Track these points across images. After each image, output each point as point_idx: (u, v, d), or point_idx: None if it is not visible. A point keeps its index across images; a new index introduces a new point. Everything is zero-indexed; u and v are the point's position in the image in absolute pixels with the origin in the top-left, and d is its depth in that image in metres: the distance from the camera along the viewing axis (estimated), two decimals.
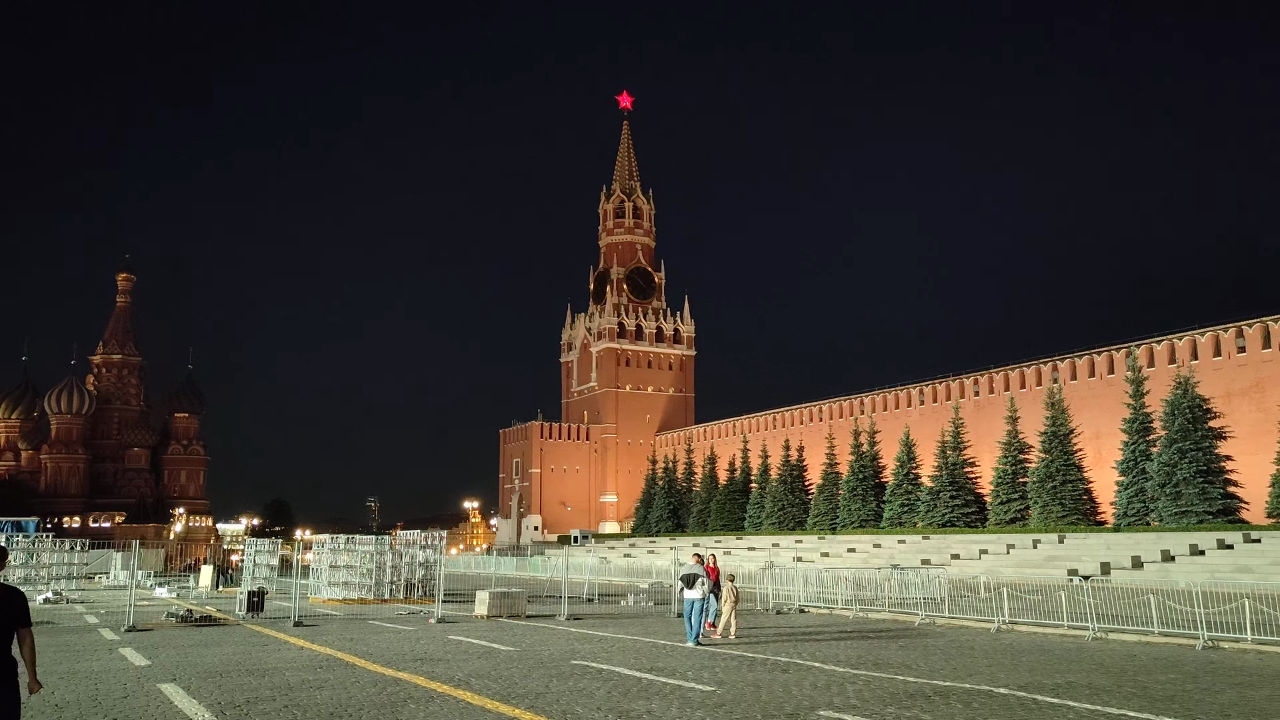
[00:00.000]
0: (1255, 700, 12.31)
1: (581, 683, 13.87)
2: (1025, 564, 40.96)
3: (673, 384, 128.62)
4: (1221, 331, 63.15)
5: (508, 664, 16.06)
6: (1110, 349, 69.41)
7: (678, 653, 17.64)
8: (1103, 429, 59.27)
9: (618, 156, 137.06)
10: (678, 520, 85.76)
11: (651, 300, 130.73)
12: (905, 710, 11.57)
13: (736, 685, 13.55)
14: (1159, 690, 13.09)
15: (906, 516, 58.99)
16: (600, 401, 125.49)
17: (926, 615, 24.67)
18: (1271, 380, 56.71)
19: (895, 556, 47.81)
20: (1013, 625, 22.01)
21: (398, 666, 15.74)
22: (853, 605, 27.27)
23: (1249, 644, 17.74)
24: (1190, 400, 45.39)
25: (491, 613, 26.01)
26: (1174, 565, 36.69)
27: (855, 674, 14.68)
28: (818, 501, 67.52)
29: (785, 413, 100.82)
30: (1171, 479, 44.46)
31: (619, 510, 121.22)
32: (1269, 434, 46.57)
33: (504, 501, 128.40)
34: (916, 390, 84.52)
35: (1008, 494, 53.32)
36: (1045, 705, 11.90)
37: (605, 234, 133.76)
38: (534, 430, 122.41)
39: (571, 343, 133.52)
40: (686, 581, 19.21)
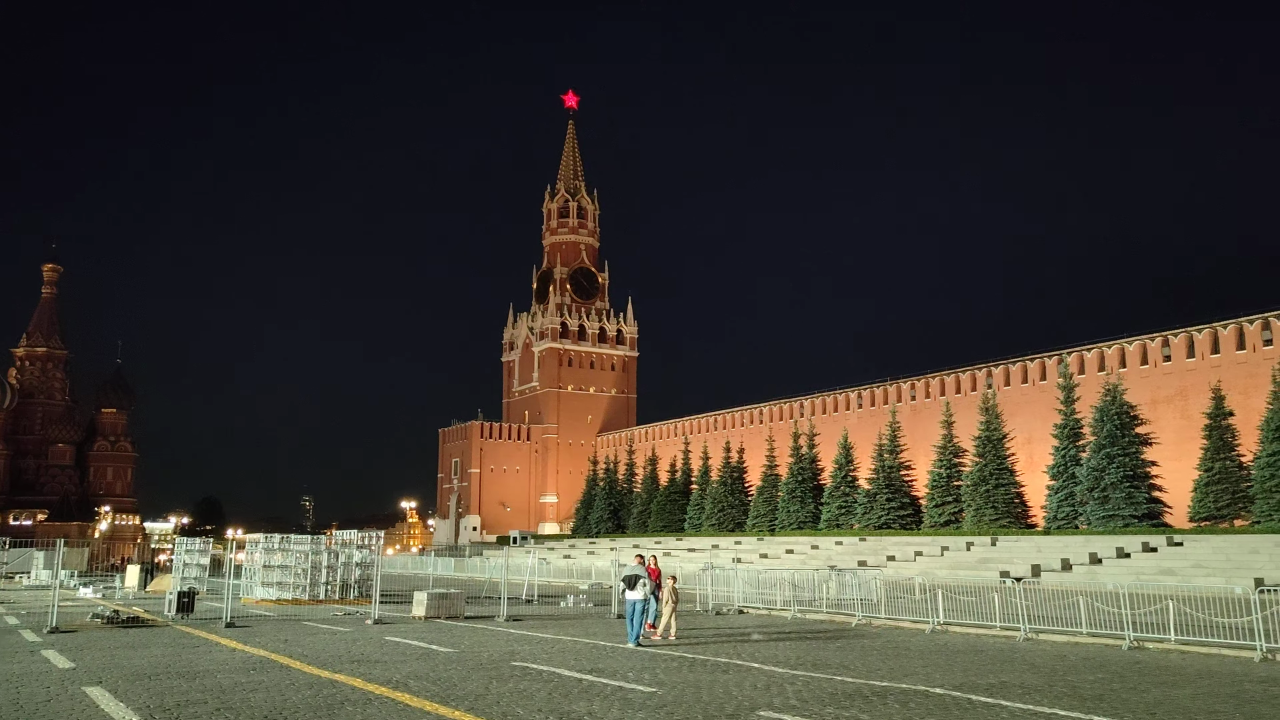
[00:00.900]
0: (1179, 699, 12.68)
1: (522, 684, 13.78)
2: (959, 566, 41.70)
3: (615, 385, 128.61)
4: (1149, 340, 65.02)
5: (446, 665, 15.90)
6: (1043, 356, 71.05)
7: (618, 654, 17.62)
8: (1035, 434, 60.64)
9: (562, 156, 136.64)
10: (618, 521, 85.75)
11: (595, 300, 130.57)
12: (844, 710, 11.70)
13: (677, 686, 13.57)
14: (1088, 689, 13.41)
15: (844, 518, 59.71)
16: (542, 402, 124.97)
17: (863, 616, 24.98)
18: (1195, 388, 58.53)
19: (833, 558, 48.37)
20: (947, 626, 22.38)
21: (334, 668, 15.48)
22: (791, 606, 27.51)
23: (1172, 644, 18.26)
24: (1118, 407, 46.63)
25: (429, 614, 25.72)
26: (1101, 568, 37.64)
27: (795, 674, 14.80)
28: (757, 503, 68.03)
29: (726, 415, 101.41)
30: (1100, 483, 45.63)
31: (559, 511, 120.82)
32: (1192, 440, 48.04)
33: (442, 502, 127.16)
34: (855, 394, 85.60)
35: (942, 497, 54.26)
36: (979, 705, 12.12)
37: (549, 233, 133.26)
38: (474, 430, 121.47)
39: (513, 342, 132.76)
40: (628, 583, 19.20)
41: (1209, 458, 44.41)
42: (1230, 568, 33.55)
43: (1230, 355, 60.22)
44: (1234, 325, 60.82)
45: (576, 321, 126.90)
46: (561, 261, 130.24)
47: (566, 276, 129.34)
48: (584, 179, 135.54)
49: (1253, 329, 59.86)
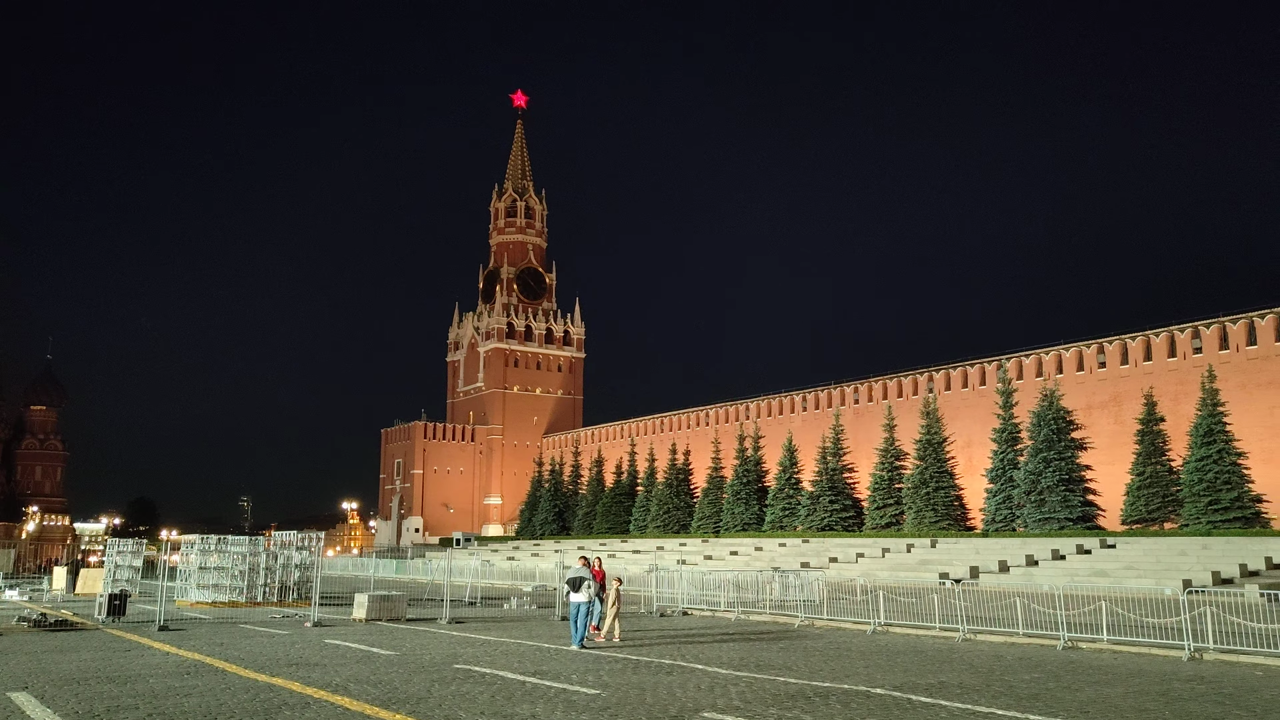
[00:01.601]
0: (1111, 697, 12.97)
1: (464, 687, 13.65)
2: (899, 567, 42.27)
3: (561, 386, 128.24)
4: (1084, 347, 66.58)
5: (387, 668, 15.69)
6: (983, 361, 72.36)
7: (562, 656, 17.54)
8: (974, 438, 61.72)
9: (510, 155, 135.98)
10: (563, 523, 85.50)
11: (542, 301, 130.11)
12: (786, 711, 11.77)
13: (621, 688, 13.55)
14: (1024, 689, 13.66)
15: (788, 520, 60.20)
16: (487, 402, 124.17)
17: (806, 617, 25.18)
18: (1128, 394, 60.05)
19: (776, 559, 48.72)
20: (888, 627, 22.65)
21: (271, 672, 15.19)
22: (735, 607, 27.63)
23: (1105, 644, 18.69)
24: (1055, 412, 47.66)
25: (370, 616, 25.38)
26: (1037, 569, 38.42)
27: (738, 675, 14.86)
28: (702, 505, 68.32)
29: (673, 417, 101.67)
30: (1036, 487, 46.60)
31: (503, 513, 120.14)
32: (1125, 445, 49.27)
33: (384, 503, 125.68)
34: (800, 397, 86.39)
35: (884, 499, 54.98)
36: (919, 705, 12.27)
37: (496, 233, 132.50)
38: (417, 430, 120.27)
39: (459, 342, 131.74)
40: (573, 585, 19.13)
41: (1141, 462, 45.58)
42: (1160, 569, 34.44)
43: (1162, 363, 61.91)
44: (1165, 333, 62.54)
45: (523, 322, 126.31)
46: (509, 261, 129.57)
47: (513, 276, 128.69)
48: (532, 179, 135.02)
49: (1183, 337, 61.59)
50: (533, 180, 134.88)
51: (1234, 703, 12.54)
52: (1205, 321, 60.91)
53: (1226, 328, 59.75)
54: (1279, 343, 57.40)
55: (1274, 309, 58.11)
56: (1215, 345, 59.66)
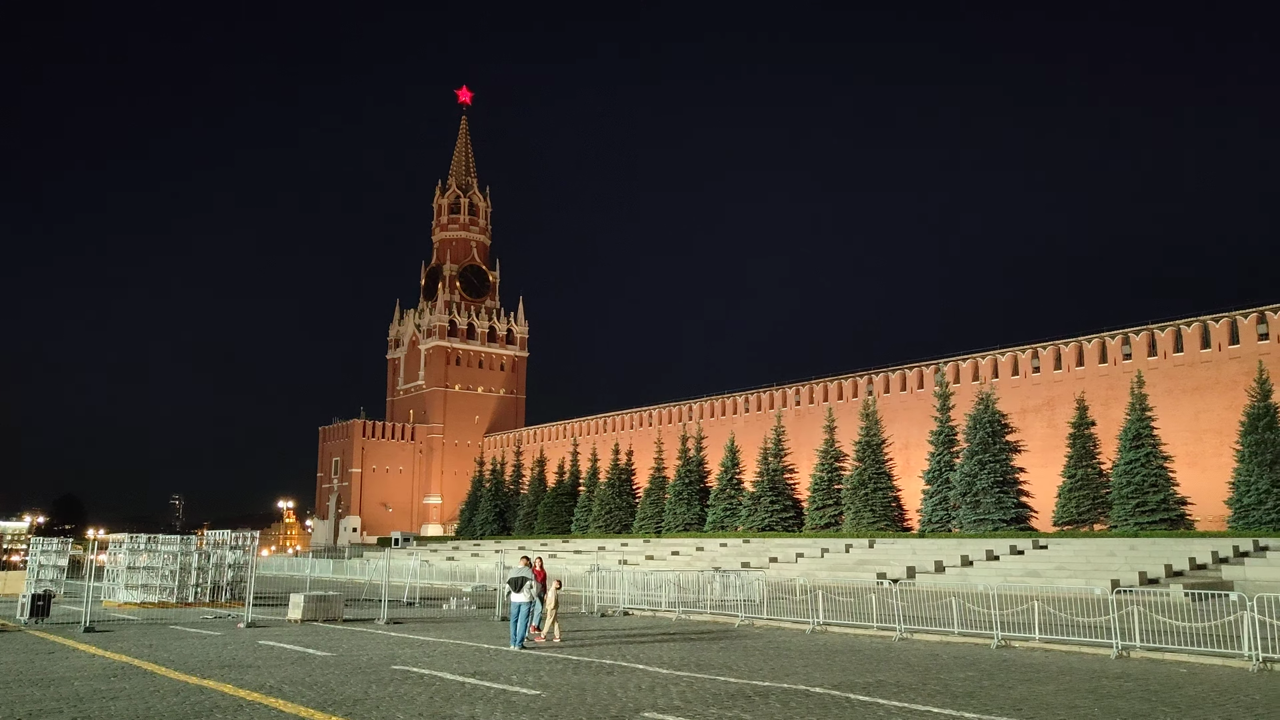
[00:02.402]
0: (1043, 695, 13.24)
1: (402, 688, 13.46)
2: (838, 567, 42.72)
3: (504, 385, 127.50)
4: (1019, 352, 68.06)
5: (323, 670, 15.42)
6: (921, 365, 73.57)
7: (502, 657, 17.41)
8: (912, 440, 62.68)
9: (455, 151, 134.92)
10: (504, 523, 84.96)
11: (485, 299, 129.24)
12: (727, 710, 11.80)
13: (561, 688, 13.48)
14: (959, 687, 13.88)
15: (729, 520, 60.53)
16: (428, 401, 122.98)
17: (746, 617, 25.32)
18: (1061, 399, 61.50)
19: (717, 559, 48.93)
20: (826, 626, 22.88)
21: (202, 674, 14.83)
22: (676, 607, 27.69)
23: (1037, 642, 19.08)
24: (990, 415, 48.59)
25: (306, 616, 24.94)
26: (972, 569, 39.10)
27: (679, 675, 14.88)
28: (644, 505, 68.37)
29: (616, 417, 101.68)
30: (972, 488, 47.46)
31: (443, 512, 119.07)
32: (1058, 449, 50.40)
33: (321, 502, 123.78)
34: (742, 398, 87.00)
35: (823, 500, 55.55)
36: (857, 703, 12.40)
37: (439, 229, 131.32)
38: (356, 429, 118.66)
39: (399, 339, 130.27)
40: (514, 585, 19.00)
41: (1072, 465, 46.67)
42: (1090, 570, 35.28)
43: (1093, 368, 63.53)
44: (1097, 339, 64.20)
45: (465, 320, 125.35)
46: (451, 258, 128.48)
47: (456, 274, 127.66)
48: (476, 175, 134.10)
49: (1114, 343, 63.28)
50: (477, 177, 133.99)
51: (1159, 699, 12.88)
52: (1135, 329, 62.65)
53: (1155, 335, 61.52)
54: (1204, 350, 59.27)
55: (1199, 317, 59.96)
56: (1144, 352, 61.40)
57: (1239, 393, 48.41)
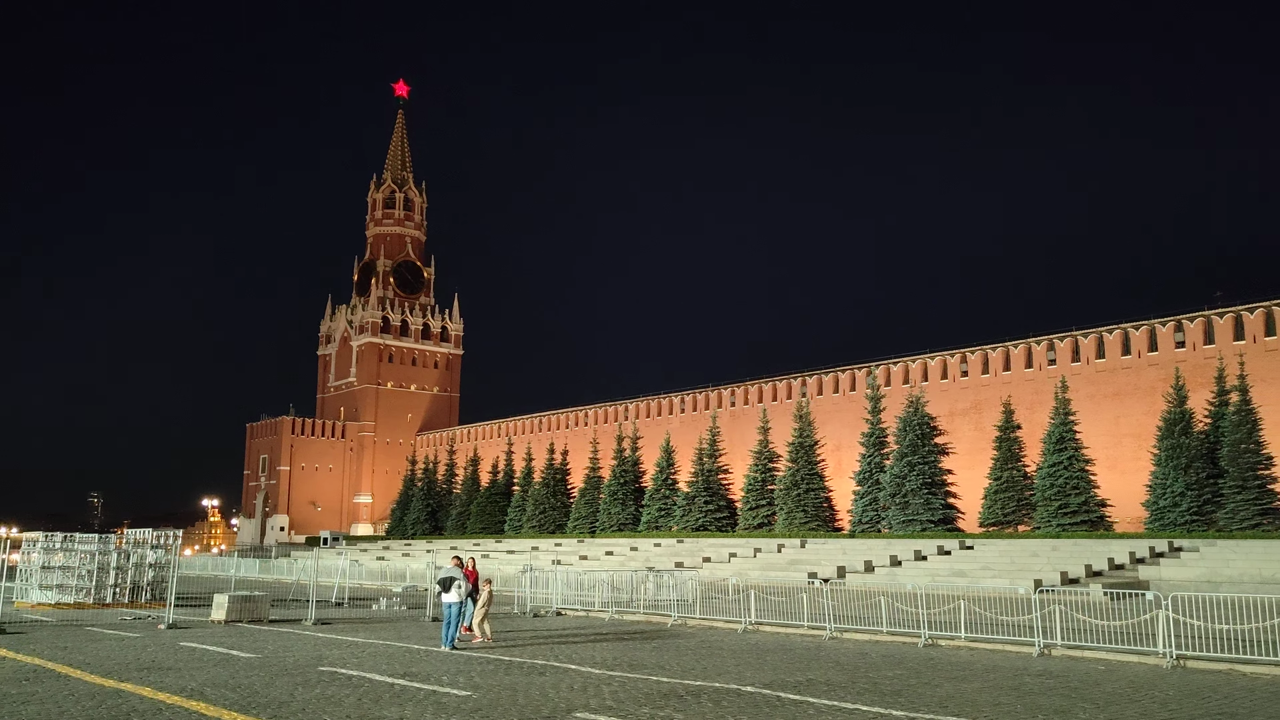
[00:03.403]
0: (967, 692, 13.50)
1: (329, 690, 13.21)
2: (770, 567, 43.10)
3: (437, 383, 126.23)
4: (948, 356, 69.49)
5: (247, 671, 15.06)
6: (854, 368, 74.69)
7: (432, 657, 17.20)
8: (844, 441, 63.57)
9: (390, 145, 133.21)
10: (436, 523, 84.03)
11: (419, 295, 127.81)
12: (659, 710, 11.81)
13: (493, 689, 13.36)
14: (887, 685, 14.08)
15: (663, 520, 60.70)
16: (359, 398, 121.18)
17: (679, 617, 25.41)
18: (988, 402, 62.92)
19: (651, 559, 49.03)
20: (758, 626, 23.05)
21: (120, 677, 14.38)
22: (609, 607, 27.67)
23: (963, 641, 19.47)
24: (919, 418, 49.47)
25: (230, 617, 24.36)
26: (901, 569, 39.75)
27: (611, 675, 14.85)
28: (579, 505, 68.20)
29: (551, 416, 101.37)
30: (901, 490, 48.28)
31: (374, 512, 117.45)
32: (984, 451, 51.52)
33: (248, 500, 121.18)
34: (679, 399, 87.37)
35: (757, 500, 56.02)
36: (788, 701, 12.51)
37: (373, 224, 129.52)
38: (285, 426, 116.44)
39: (331, 335, 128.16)
40: (443, 585, 18.80)
41: (998, 467, 47.74)
42: (1014, 570, 36.11)
43: (1020, 373, 65.13)
44: (1024, 345, 65.84)
45: (399, 316, 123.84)
46: (385, 254, 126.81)
47: (390, 269, 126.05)
48: (412, 170, 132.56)
49: (1040, 349, 64.97)
50: (413, 172, 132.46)
51: (1079, 696, 13.22)
52: (1059, 335, 64.40)
53: (1079, 341, 63.31)
54: (1125, 356, 61.16)
55: (1121, 325, 61.87)
56: (1068, 358, 63.14)
57: (1157, 398, 50.04)
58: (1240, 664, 15.63)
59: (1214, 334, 57.59)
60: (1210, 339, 57.59)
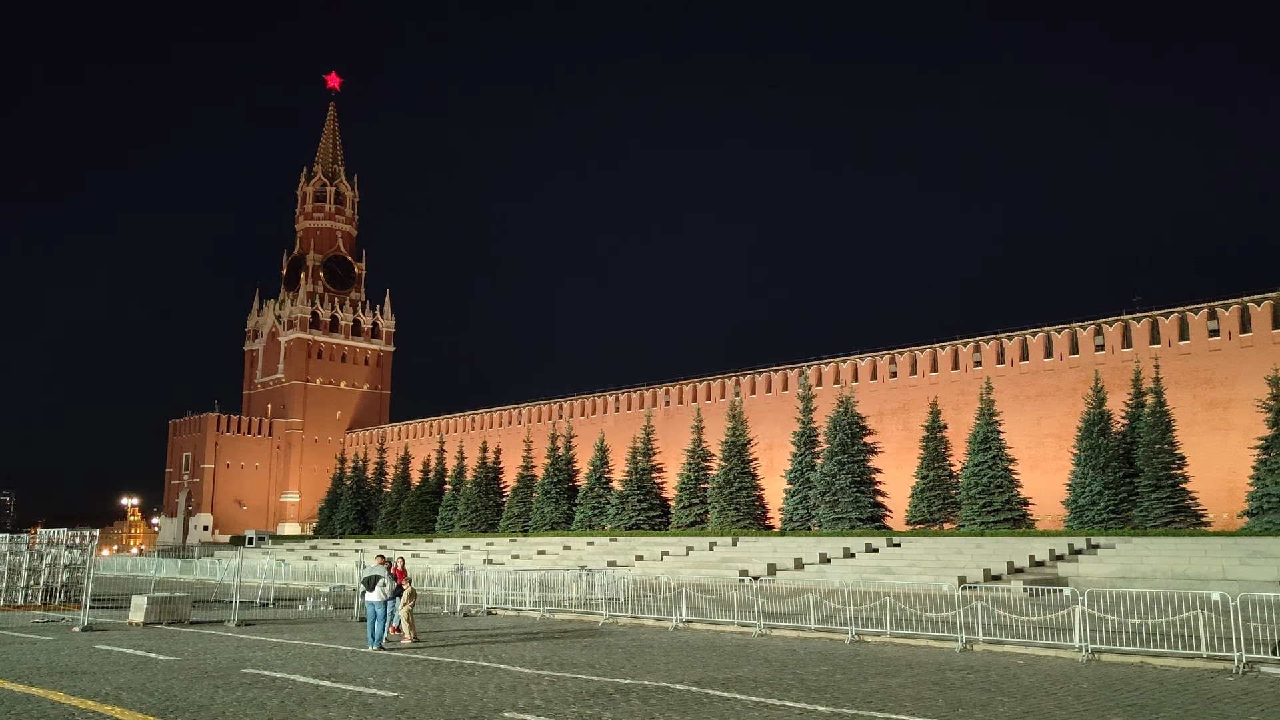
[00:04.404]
0: (892, 687, 13.75)
1: (251, 692, 12.94)
2: (702, 565, 43.40)
3: (368, 380, 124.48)
4: (878, 357, 70.67)
5: (166, 674, 14.67)
6: (786, 368, 75.54)
7: (359, 658, 16.95)
8: (776, 440, 64.29)
9: (322, 137, 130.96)
10: (365, 522, 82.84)
11: (350, 291, 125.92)
12: (588, 709, 11.80)
13: (420, 690, 13.22)
14: (814, 681, 14.27)
15: (596, 519, 60.71)
16: (287, 394, 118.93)
17: (610, 615, 25.41)
18: (915, 403, 64.16)
19: (584, 558, 49.02)
20: (689, 624, 23.17)
21: (30, 681, 13.89)
22: (540, 607, 27.57)
23: (888, 637, 19.81)
24: (849, 418, 50.26)
25: (149, 619, 23.71)
26: (829, 567, 40.35)
27: (540, 674, 14.80)
28: (512, 504, 67.87)
29: (484, 414, 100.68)
30: (831, 488, 49.00)
31: (301, 510, 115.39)
32: (911, 450, 52.58)
33: (170, 499, 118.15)
34: (613, 397, 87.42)
35: (690, 499, 56.36)
36: (716, 699, 12.60)
37: (303, 217, 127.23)
38: (209, 422, 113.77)
39: (258, 330, 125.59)
40: (368, 584, 18.54)
41: (925, 466, 48.74)
42: (939, 567, 36.89)
43: (946, 374, 66.53)
44: (950, 346, 67.26)
45: (329, 312, 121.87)
46: (316, 248, 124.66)
47: (320, 264, 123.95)
48: (344, 164, 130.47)
49: (966, 351, 66.43)
50: (345, 165, 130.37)
51: (998, 690, 13.55)
52: (985, 337, 65.94)
53: (1003, 343, 64.90)
54: (1048, 359, 62.86)
55: (1044, 328, 63.57)
56: (993, 359, 64.68)
57: (1077, 399, 51.56)
58: (1151, 657, 16.17)
59: (1131, 338, 59.51)
60: (1128, 343, 59.51)
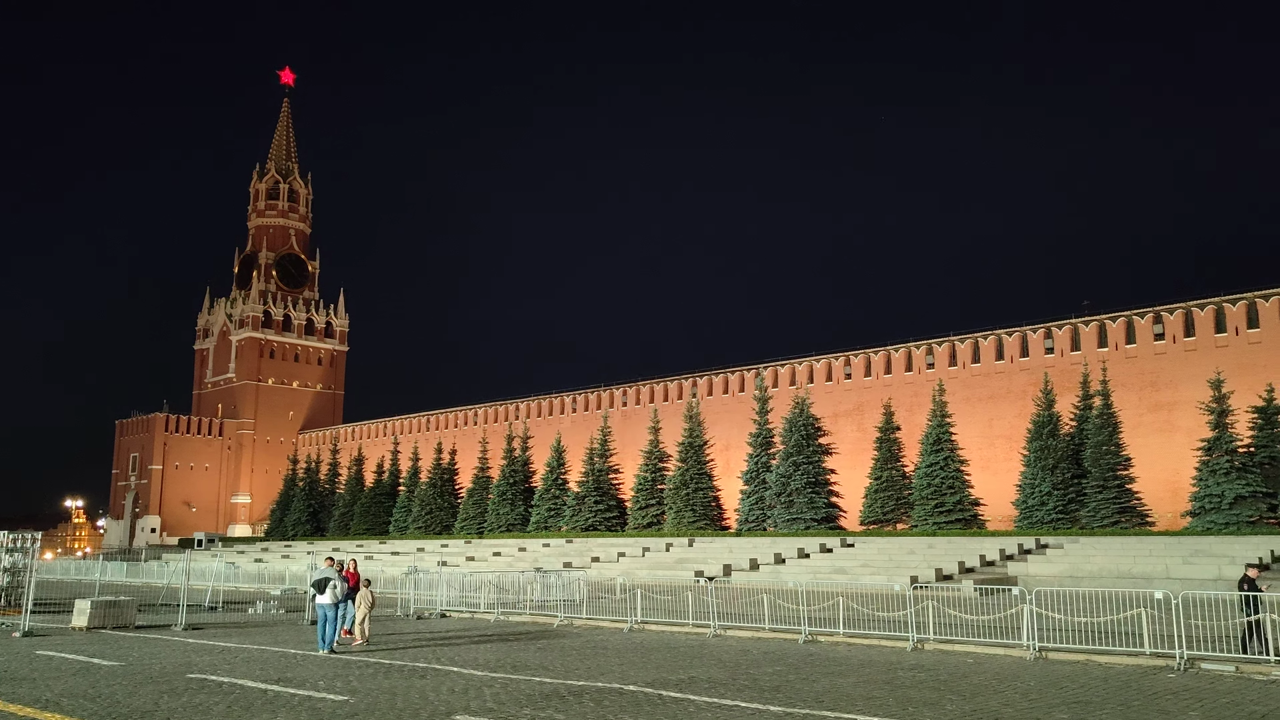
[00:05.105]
0: (843, 686, 13.86)
1: (198, 698, 12.71)
2: (658, 566, 43.42)
3: (321, 380, 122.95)
4: (833, 359, 71.25)
5: (109, 680, 14.37)
6: (743, 369, 75.89)
7: (309, 662, 16.73)
8: (733, 441, 64.52)
9: (275, 134, 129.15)
10: (318, 524, 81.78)
11: (303, 290, 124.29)
12: (540, 711, 11.75)
13: (371, 693, 13.07)
14: (767, 681, 14.34)
15: (553, 520, 60.51)
16: (238, 395, 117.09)
17: (565, 617, 25.34)
18: (870, 404, 64.75)
19: (539, 559, 48.80)
20: (644, 625, 23.18)
21: None
22: (495, 608, 27.42)
23: (841, 637, 19.98)
24: (805, 419, 50.62)
25: (93, 624, 23.21)
26: (784, 567, 40.57)
27: (493, 677, 14.71)
28: (467, 505, 67.42)
29: (439, 415, 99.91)
30: (786, 489, 49.30)
31: (252, 512, 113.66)
32: (865, 451, 53.08)
33: (116, 501, 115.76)
34: (570, 398, 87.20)
35: (646, 499, 56.40)
36: (669, 700, 12.61)
37: (256, 215, 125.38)
38: (158, 423, 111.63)
39: (209, 329, 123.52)
40: (318, 586, 18.31)
41: (879, 467, 49.24)
42: (892, 567, 37.24)
43: (900, 376, 67.24)
44: (904, 349, 67.99)
45: (282, 311, 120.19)
46: (268, 246, 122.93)
47: (272, 262, 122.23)
48: (298, 160, 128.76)
49: (919, 353, 67.20)
50: (298, 162, 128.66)
51: (948, 688, 13.72)
52: (938, 340, 66.76)
53: (955, 346, 65.75)
54: (999, 361, 63.80)
55: (995, 331, 64.50)
56: (945, 362, 65.50)
57: (1027, 401, 52.34)
58: (1097, 654, 16.47)
59: (1080, 341, 60.60)
60: (1077, 346, 60.58)
